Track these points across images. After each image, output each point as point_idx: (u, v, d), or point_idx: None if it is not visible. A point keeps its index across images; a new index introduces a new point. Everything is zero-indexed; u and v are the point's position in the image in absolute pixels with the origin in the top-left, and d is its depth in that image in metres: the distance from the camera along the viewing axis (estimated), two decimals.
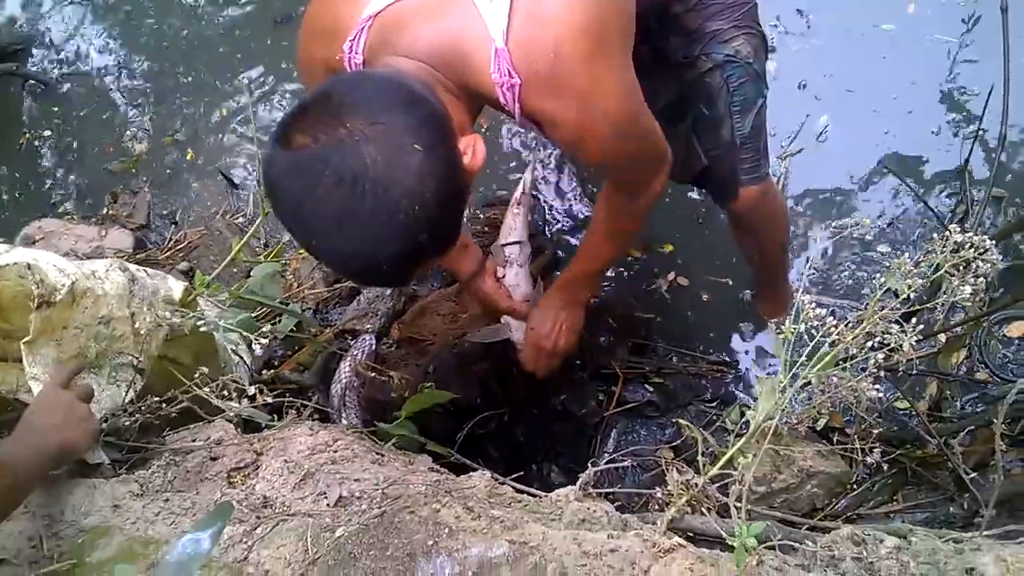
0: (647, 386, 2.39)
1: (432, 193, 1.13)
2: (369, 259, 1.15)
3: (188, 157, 3.17)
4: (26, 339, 1.40)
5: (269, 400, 1.49)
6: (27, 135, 3.38)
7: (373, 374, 2.19)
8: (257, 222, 1.98)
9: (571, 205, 2.79)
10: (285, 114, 1.17)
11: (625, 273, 2.65)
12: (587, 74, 1.29)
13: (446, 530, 1.06)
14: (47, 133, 3.39)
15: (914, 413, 2.16)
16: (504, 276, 2.08)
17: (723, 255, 2.60)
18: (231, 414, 1.50)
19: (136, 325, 1.57)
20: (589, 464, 1.45)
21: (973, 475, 1.65)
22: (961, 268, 1.37)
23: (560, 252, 2.68)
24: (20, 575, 1.21)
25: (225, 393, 1.53)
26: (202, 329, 1.53)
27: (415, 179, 1.11)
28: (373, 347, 2.31)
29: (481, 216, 2.76)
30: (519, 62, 1.26)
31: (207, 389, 1.48)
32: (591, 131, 1.36)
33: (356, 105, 1.12)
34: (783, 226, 2.15)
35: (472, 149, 1.23)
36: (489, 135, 2.94)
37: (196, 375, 1.51)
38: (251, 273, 2.16)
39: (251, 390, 1.49)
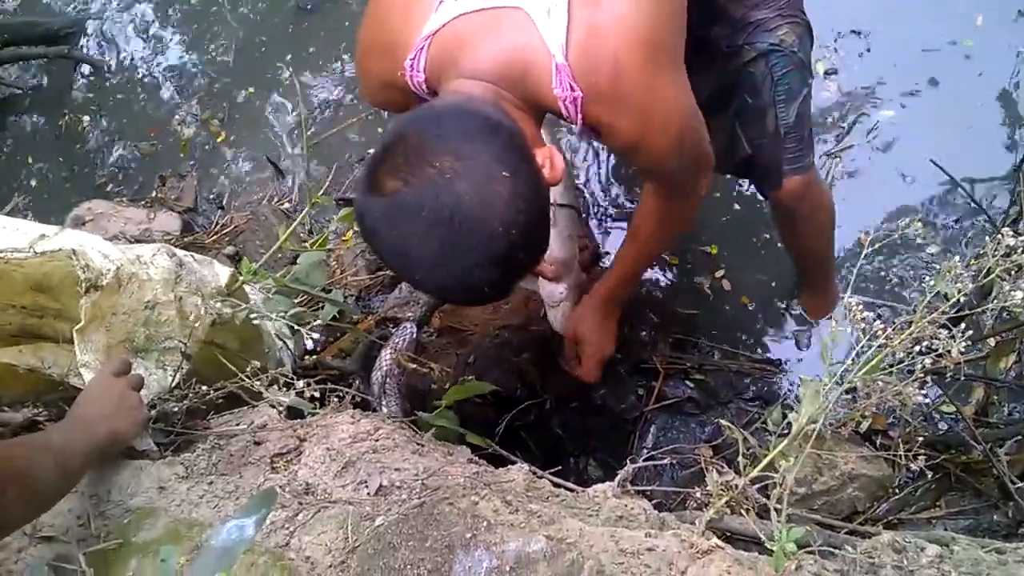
0: (687, 382, 2.38)
1: (524, 215, 1.17)
2: (474, 287, 1.22)
3: (233, 142, 3.21)
4: (78, 327, 1.42)
5: (316, 394, 1.51)
6: (67, 117, 3.44)
7: (413, 365, 2.21)
8: (304, 212, 2.00)
9: (614, 199, 2.78)
10: (369, 159, 1.22)
11: (669, 270, 2.63)
12: (645, 86, 1.31)
13: (484, 523, 1.06)
14: (91, 116, 3.44)
15: (960, 418, 2.12)
16: None
17: (768, 254, 2.58)
18: (276, 401, 1.51)
19: (183, 310, 1.60)
20: (628, 460, 1.45)
21: (1020, 484, 1.62)
22: (1013, 272, 1.35)
23: (602, 247, 2.67)
24: (68, 552, 1.23)
25: (275, 386, 1.55)
26: (254, 321, 1.55)
27: (508, 206, 1.15)
28: (414, 335, 2.33)
29: None
30: (580, 76, 1.28)
31: (257, 382, 1.50)
32: (648, 141, 1.39)
33: (438, 142, 1.16)
34: (828, 218, 2.13)
35: (550, 162, 1.27)
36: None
37: (247, 368, 1.53)
38: (297, 260, 2.18)
39: (300, 384, 1.51)
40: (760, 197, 2.53)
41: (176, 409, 1.50)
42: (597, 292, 1.99)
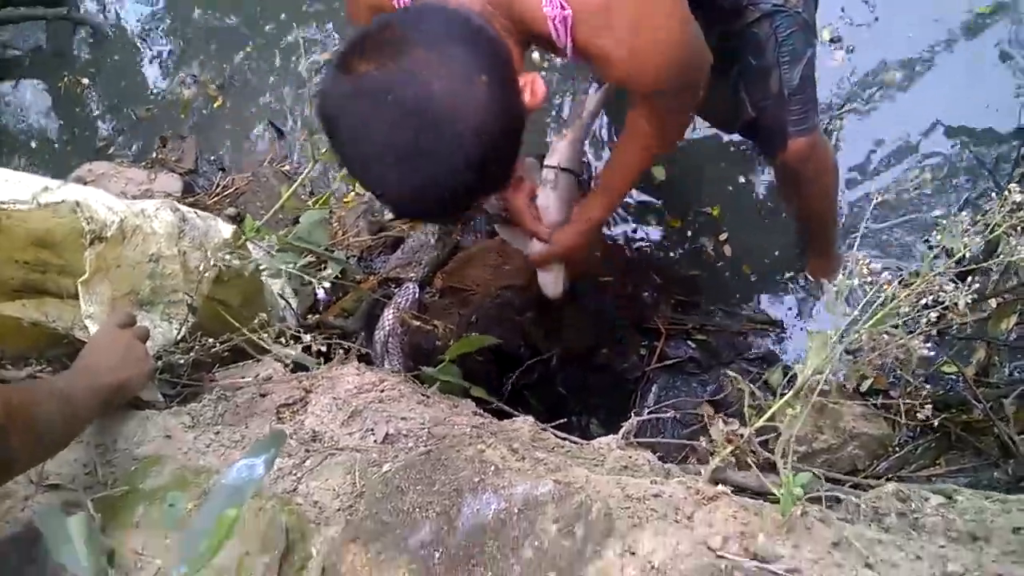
0: (689, 342, 2.39)
1: (497, 125, 1.11)
2: (429, 192, 1.14)
3: (233, 104, 3.19)
4: (82, 278, 1.42)
5: (322, 349, 1.51)
6: (66, 79, 3.41)
7: (417, 322, 2.21)
8: (306, 171, 1.99)
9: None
10: (346, 42, 1.15)
11: (671, 233, 2.63)
12: (638, 3, 1.28)
13: (492, 468, 1.07)
14: (90, 78, 3.41)
15: (961, 378, 2.13)
16: (537, 197, 2.04)
17: (770, 216, 2.57)
18: (282, 355, 1.52)
19: (187, 264, 1.60)
20: (633, 414, 1.45)
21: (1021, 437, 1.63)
22: (1019, 228, 1.34)
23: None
24: (76, 500, 1.24)
25: (281, 340, 1.55)
26: (264, 273, 1.54)
27: (482, 110, 1.09)
28: (416, 295, 2.33)
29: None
30: None
31: (264, 335, 1.50)
32: (643, 62, 1.35)
33: (420, 36, 1.10)
34: (832, 180, 2.12)
35: (531, 87, 1.22)
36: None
37: (255, 320, 1.53)
38: (299, 220, 2.18)
39: (306, 338, 1.51)
40: (763, 162, 2.54)
41: (182, 361, 1.50)
42: (587, 218, 1.90)
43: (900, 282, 1.31)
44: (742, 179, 2.65)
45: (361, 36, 1.14)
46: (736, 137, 2.57)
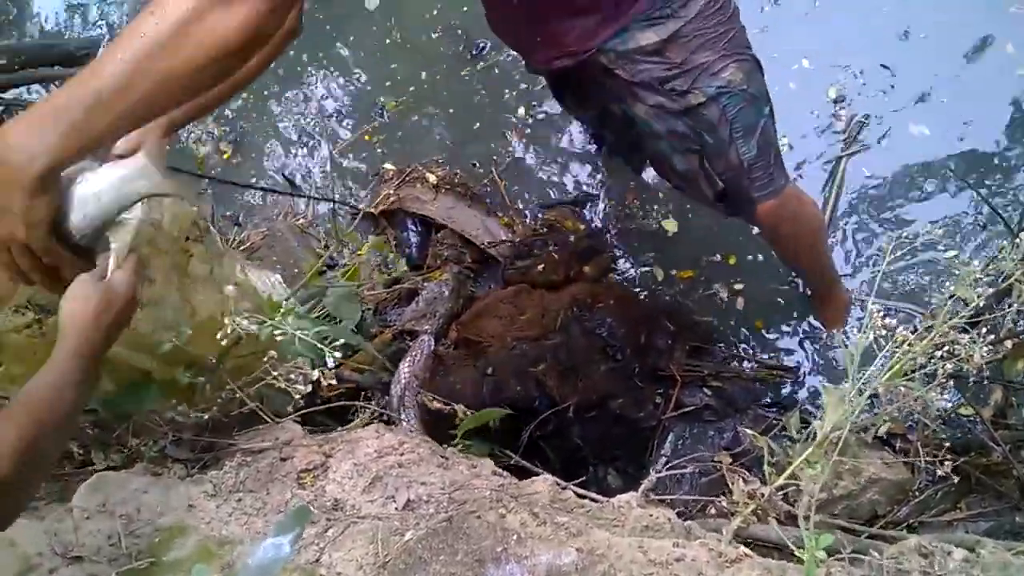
0: (705, 390, 2.39)
1: None
2: None
3: (246, 159, 3.23)
4: None
5: (334, 381, 1.49)
6: None
7: (428, 373, 2.23)
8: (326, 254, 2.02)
9: (631, 209, 2.78)
10: None
11: (684, 279, 2.64)
12: None
13: (514, 536, 1.07)
14: None
15: (978, 420, 2.12)
16: None
17: (782, 264, 2.58)
18: (295, 415, 1.53)
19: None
20: (650, 469, 1.45)
21: None
22: None
23: (616, 258, 2.69)
24: (100, 572, 1.24)
25: (291, 378, 1.55)
26: (278, 338, 1.55)
27: None
28: (431, 348, 2.34)
29: (540, 217, 2.78)
30: None
31: (276, 372, 1.50)
32: None
33: None
34: (812, 230, 2.15)
35: None
36: (554, 138, 2.95)
37: (264, 359, 1.53)
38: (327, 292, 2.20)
39: (315, 374, 1.50)
40: None
41: (202, 420, 1.51)
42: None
43: (915, 334, 1.31)
44: (751, 229, 2.67)
45: None
46: None
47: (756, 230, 2.57)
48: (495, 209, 2.82)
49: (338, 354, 1.39)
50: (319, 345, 1.37)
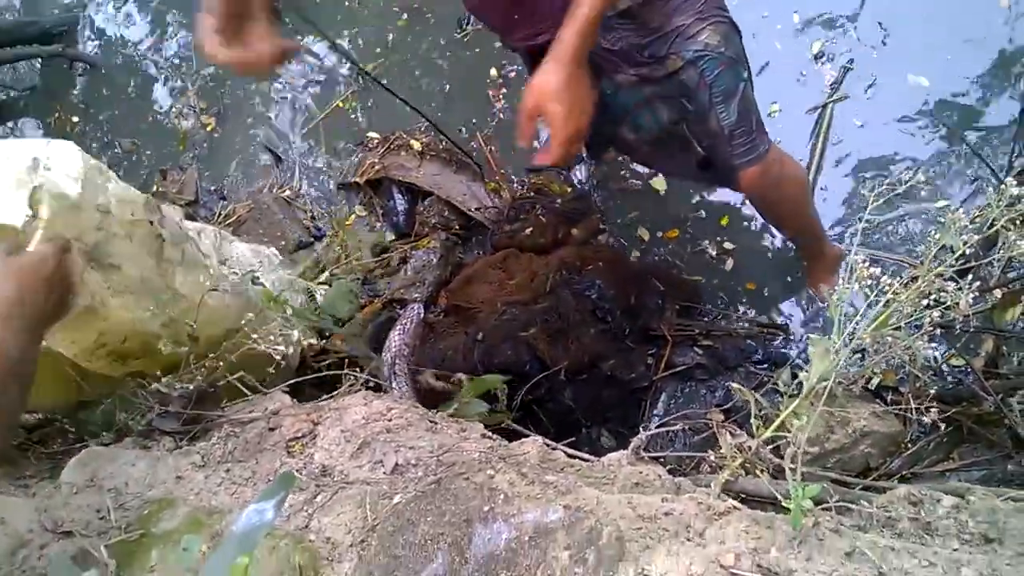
0: (696, 349, 2.39)
1: None
2: None
3: (229, 132, 3.20)
4: None
5: (313, 341, 1.50)
6: (57, 115, 3.42)
7: (419, 341, 2.23)
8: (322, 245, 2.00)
9: (618, 169, 2.77)
10: None
11: (673, 237, 2.63)
12: None
13: (501, 496, 1.07)
14: (81, 115, 3.42)
15: (970, 370, 2.12)
16: None
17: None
18: (284, 386, 1.52)
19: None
20: (640, 428, 1.45)
21: None
22: (1018, 222, 1.34)
23: (604, 220, 2.67)
24: (90, 546, 1.24)
25: (271, 339, 1.56)
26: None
27: None
28: (421, 316, 2.34)
29: (526, 181, 2.77)
30: None
31: (255, 336, 1.50)
32: None
33: None
34: (796, 192, 2.14)
35: None
36: None
37: (243, 321, 1.53)
38: (300, 248, 2.19)
39: (295, 335, 1.50)
40: None
41: (187, 391, 1.50)
42: (563, 46, 1.49)
43: (901, 283, 1.31)
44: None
45: None
46: None
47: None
48: (482, 174, 2.80)
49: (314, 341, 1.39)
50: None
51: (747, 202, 2.23)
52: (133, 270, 1.52)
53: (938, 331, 1.34)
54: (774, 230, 2.54)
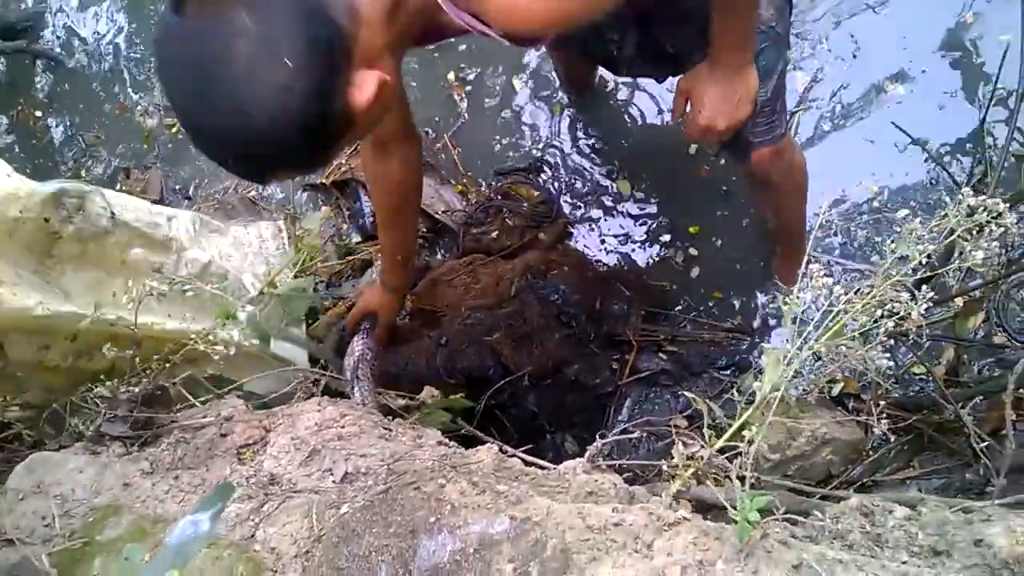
0: (661, 355, 2.39)
1: (284, 112, 1.07)
2: (215, 149, 1.15)
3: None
4: None
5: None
6: (20, 110, 3.38)
7: (383, 348, 2.21)
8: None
9: (586, 174, 2.76)
10: None
11: (639, 242, 2.63)
12: None
13: (448, 507, 1.06)
14: (44, 110, 3.38)
15: (931, 378, 2.13)
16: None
17: (740, 226, 2.57)
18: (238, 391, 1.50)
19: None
20: (605, 433, 1.44)
21: (985, 443, 1.62)
22: (975, 232, 1.34)
23: (570, 224, 2.67)
24: (33, 554, 1.22)
25: (210, 339, 1.54)
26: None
27: (270, 92, 1.06)
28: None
29: (494, 184, 2.75)
30: None
31: (194, 335, 1.49)
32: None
33: None
34: (799, 184, 2.12)
35: (365, 84, 1.15)
36: (500, 102, 2.92)
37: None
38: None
39: (235, 335, 1.49)
40: (730, 168, 2.54)
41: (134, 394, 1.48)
42: (717, 56, 1.67)
43: (856, 292, 1.30)
44: (711, 189, 2.65)
45: None
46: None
47: (725, 188, 2.57)
48: (449, 177, 2.78)
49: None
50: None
51: (746, 184, 2.17)
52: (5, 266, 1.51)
53: (892, 341, 1.34)
54: (743, 233, 2.53)
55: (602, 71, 2.67)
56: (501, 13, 1.25)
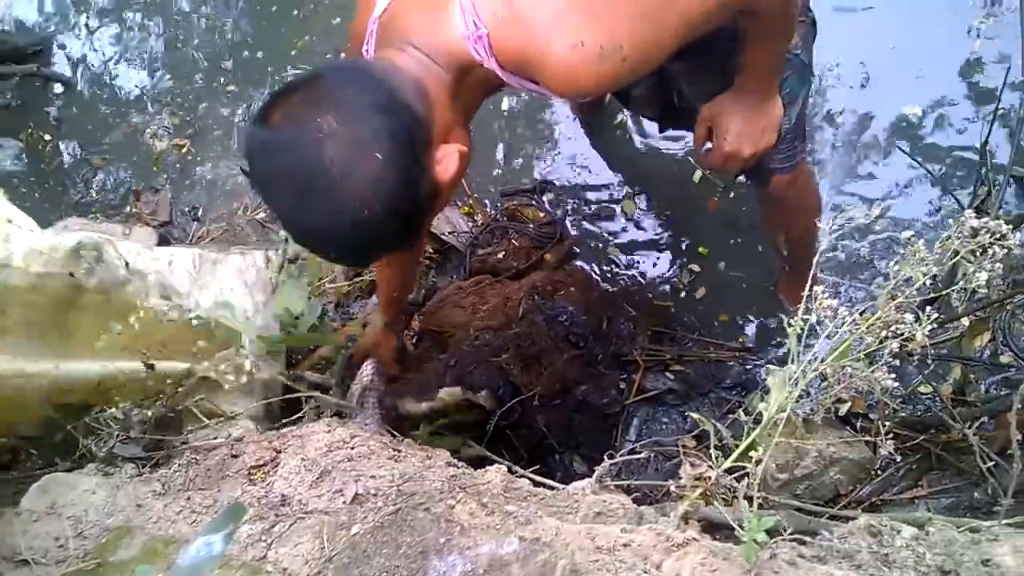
0: (667, 374, 2.39)
1: (381, 202, 1.16)
2: (321, 246, 1.25)
3: (205, 154, 3.20)
4: None
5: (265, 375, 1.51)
6: (30, 134, 3.40)
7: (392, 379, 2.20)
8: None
9: (591, 195, 2.78)
10: (276, 89, 1.22)
11: (644, 263, 2.64)
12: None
13: (458, 528, 1.07)
14: (53, 134, 3.40)
15: (938, 398, 2.14)
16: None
17: (746, 248, 2.58)
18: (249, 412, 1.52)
19: None
20: (608, 455, 1.45)
21: (992, 463, 1.63)
22: (978, 254, 1.35)
23: (576, 245, 2.68)
24: (47, 574, 1.23)
25: (222, 369, 1.56)
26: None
27: (366, 186, 1.14)
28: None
29: (500, 206, 2.77)
30: (482, 11, 1.25)
31: (206, 363, 1.51)
32: (582, 55, 1.25)
33: (336, 98, 1.16)
34: (812, 208, 2.12)
35: (447, 159, 1.24)
36: (506, 123, 2.94)
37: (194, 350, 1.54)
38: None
39: (247, 364, 1.51)
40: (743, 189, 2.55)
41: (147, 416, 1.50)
42: (735, 90, 1.69)
43: (861, 314, 1.31)
44: (717, 212, 2.66)
45: (288, 86, 1.21)
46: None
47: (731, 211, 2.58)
48: (456, 198, 2.80)
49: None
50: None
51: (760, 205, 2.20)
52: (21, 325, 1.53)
53: (897, 362, 1.35)
54: (749, 254, 2.54)
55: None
56: (560, 83, 1.32)
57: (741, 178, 2.04)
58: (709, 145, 1.78)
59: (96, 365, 1.60)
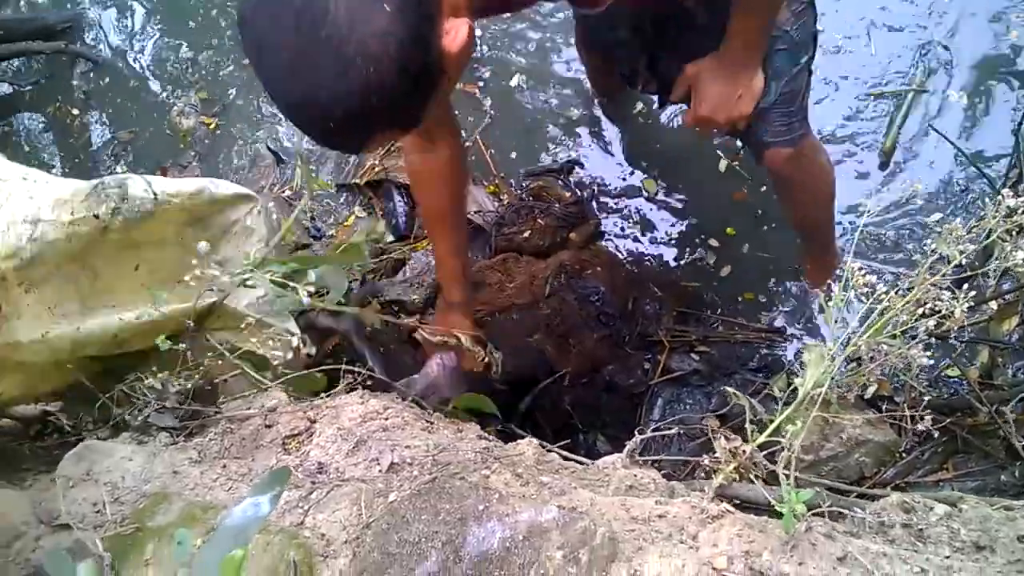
0: (693, 355, 2.39)
1: (391, 57, 1.06)
2: (316, 111, 1.11)
3: (232, 131, 3.20)
4: None
5: (312, 351, 1.50)
6: (57, 108, 3.42)
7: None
8: (304, 199, 1.99)
9: (616, 175, 2.78)
10: None
11: (670, 243, 2.64)
12: None
13: (496, 495, 1.08)
14: (81, 109, 3.42)
15: (965, 381, 2.13)
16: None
17: (771, 226, 2.58)
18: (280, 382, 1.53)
19: None
20: (636, 432, 1.45)
21: (1022, 444, 1.63)
22: (1014, 233, 1.35)
23: (603, 224, 2.68)
24: (85, 539, 1.25)
25: (270, 343, 1.56)
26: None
27: (375, 38, 1.04)
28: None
29: (524, 186, 2.77)
30: None
31: (254, 340, 1.51)
32: None
33: None
34: (822, 186, 2.13)
35: (455, 32, 1.14)
36: (531, 105, 2.94)
37: (242, 325, 1.53)
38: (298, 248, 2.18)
39: (295, 341, 1.51)
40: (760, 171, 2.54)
41: (185, 387, 1.51)
42: (720, 52, 1.72)
43: (896, 291, 1.31)
44: (737, 191, 2.66)
45: None
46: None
47: (740, 190, 2.58)
48: (481, 177, 2.80)
49: (311, 289, 1.37)
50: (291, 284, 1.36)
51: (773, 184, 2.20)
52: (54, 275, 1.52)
53: (934, 340, 1.35)
54: (774, 234, 2.54)
55: None
56: None
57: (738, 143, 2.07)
58: (685, 107, 1.84)
59: (113, 318, 1.58)
